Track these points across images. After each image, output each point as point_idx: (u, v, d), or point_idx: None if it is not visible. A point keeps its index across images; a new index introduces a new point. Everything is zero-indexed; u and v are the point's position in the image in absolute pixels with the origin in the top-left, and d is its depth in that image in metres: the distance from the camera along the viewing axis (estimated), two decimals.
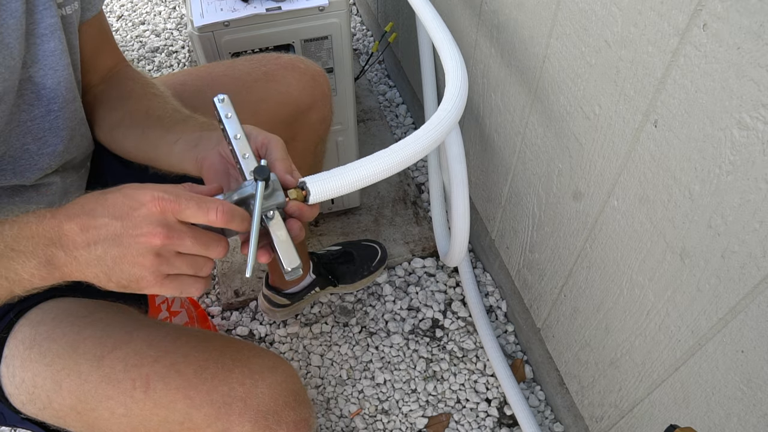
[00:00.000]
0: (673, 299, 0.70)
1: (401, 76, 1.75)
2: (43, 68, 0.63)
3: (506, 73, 0.98)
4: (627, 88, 0.67)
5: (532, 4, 0.83)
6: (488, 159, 1.18)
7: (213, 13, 1.01)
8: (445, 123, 0.63)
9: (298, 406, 0.68)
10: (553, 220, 0.97)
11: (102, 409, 0.63)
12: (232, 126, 0.56)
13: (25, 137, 0.65)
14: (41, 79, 0.64)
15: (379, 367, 1.27)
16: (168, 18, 2.17)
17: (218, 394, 0.63)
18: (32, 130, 0.65)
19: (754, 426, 0.62)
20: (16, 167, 0.66)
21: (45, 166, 0.68)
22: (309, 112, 0.93)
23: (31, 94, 0.64)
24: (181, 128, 0.66)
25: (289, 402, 0.67)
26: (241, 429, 0.63)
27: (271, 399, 0.65)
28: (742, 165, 0.54)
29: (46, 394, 0.64)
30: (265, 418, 0.64)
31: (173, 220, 0.48)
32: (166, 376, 0.63)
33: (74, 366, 0.64)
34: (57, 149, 0.68)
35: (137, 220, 0.47)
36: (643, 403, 0.83)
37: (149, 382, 0.63)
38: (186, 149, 0.63)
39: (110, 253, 0.48)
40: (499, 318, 1.33)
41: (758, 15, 0.48)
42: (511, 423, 1.19)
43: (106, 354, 0.64)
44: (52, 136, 0.67)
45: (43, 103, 0.65)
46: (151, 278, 0.49)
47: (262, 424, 0.64)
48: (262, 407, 0.64)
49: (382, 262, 1.36)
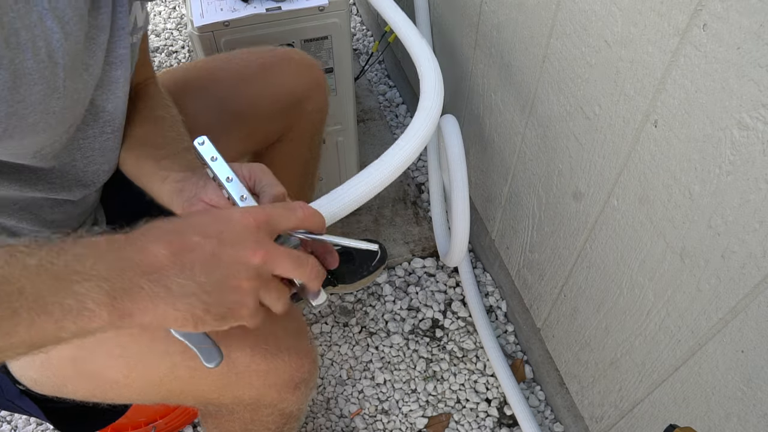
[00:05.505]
0: (673, 299, 0.70)
1: (401, 76, 1.75)
2: (106, 93, 0.63)
3: (506, 73, 0.98)
4: (627, 88, 0.67)
5: (532, 4, 0.83)
6: (488, 159, 1.18)
7: (213, 13, 1.01)
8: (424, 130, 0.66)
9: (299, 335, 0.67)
10: (553, 220, 0.97)
11: (99, 353, 0.62)
12: (221, 169, 0.53)
13: (74, 153, 0.64)
14: (102, 103, 0.63)
15: (379, 367, 1.27)
16: (168, 18, 2.17)
17: None
18: (82, 147, 0.64)
19: (754, 426, 0.62)
20: (63, 182, 0.65)
21: (89, 182, 0.67)
22: (304, 102, 0.94)
23: (89, 114, 0.63)
24: (170, 164, 0.64)
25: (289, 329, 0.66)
26: (241, 353, 0.62)
27: (271, 324, 0.64)
28: (742, 165, 0.54)
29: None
30: (265, 342, 0.63)
31: (267, 235, 0.43)
32: None
33: None
34: (103, 168, 0.68)
35: (233, 235, 0.41)
36: (643, 403, 0.83)
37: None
38: (173, 192, 0.61)
39: (211, 277, 0.40)
40: (499, 318, 1.33)
41: (758, 15, 0.48)
42: (511, 423, 1.19)
43: None
44: (100, 156, 0.67)
45: (98, 125, 0.64)
46: (252, 305, 0.42)
47: (261, 349, 0.63)
48: (262, 332, 0.63)
49: (381, 262, 1.36)
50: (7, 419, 1.21)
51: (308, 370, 0.68)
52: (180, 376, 0.64)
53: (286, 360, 0.65)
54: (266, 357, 0.64)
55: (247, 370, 0.64)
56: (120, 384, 0.65)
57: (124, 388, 0.65)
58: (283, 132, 0.95)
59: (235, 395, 0.66)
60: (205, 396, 0.66)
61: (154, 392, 0.66)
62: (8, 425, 1.21)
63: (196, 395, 0.67)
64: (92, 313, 0.37)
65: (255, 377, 0.65)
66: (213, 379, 0.64)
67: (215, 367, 0.48)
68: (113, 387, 0.65)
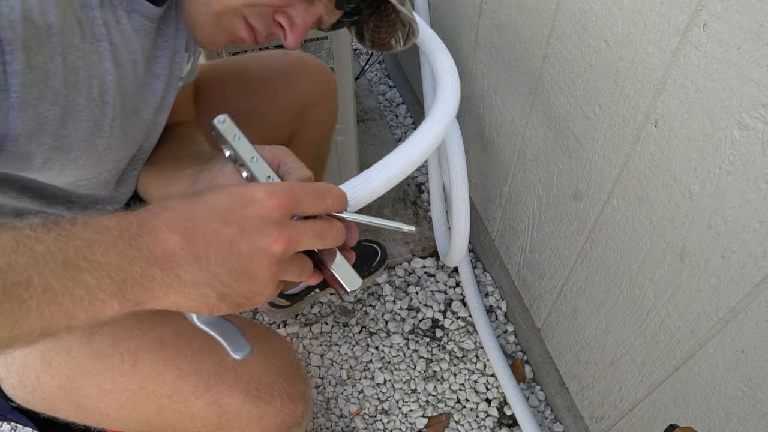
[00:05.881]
0: (673, 299, 0.70)
1: (401, 76, 1.75)
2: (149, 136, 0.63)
3: (506, 73, 0.98)
4: (627, 88, 0.67)
5: (532, 4, 0.83)
6: (488, 159, 1.18)
7: None
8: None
9: (293, 379, 0.65)
10: (553, 220, 0.97)
11: (90, 386, 0.62)
12: (245, 148, 0.48)
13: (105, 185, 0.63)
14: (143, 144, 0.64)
15: (379, 367, 1.27)
16: None
17: (207, 365, 0.61)
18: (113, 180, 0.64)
19: (754, 426, 0.62)
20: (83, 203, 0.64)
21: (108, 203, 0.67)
22: (315, 107, 0.93)
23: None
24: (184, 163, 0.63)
25: (282, 373, 0.64)
26: (232, 400, 0.61)
27: (264, 369, 0.63)
28: (742, 165, 0.54)
29: (35, 374, 0.62)
30: (256, 389, 0.62)
31: (288, 217, 0.41)
32: (155, 349, 0.62)
33: (63, 344, 0.62)
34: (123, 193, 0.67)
35: (253, 223, 0.39)
36: (643, 403, 0.83)
37: (137, 355, 0.61)
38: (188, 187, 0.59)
39: (226, 267, 0.38)
40: (499, 318, 1.33)
41: (758, 15, 0.48)
42: (511, 423, 1.19)
43: (96, 330, 0.62)
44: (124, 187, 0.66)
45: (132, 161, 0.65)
46: (270, 292, 0.41)
47: (253, 396, 0.61)
48: (254, 378, 0.62)
49: (382, 262, 1.36)
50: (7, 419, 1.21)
51: (301, 413, 0.66)
52: (166, 417, 0.63)
53: (278, 406, 0.63)
54: (258, 404, 0.62)
55: (238, 416, 0.62)
56: (111, 417, 0.64)
57: (114, 421, 0.64)
58: (291, 135, 0.95)
59: None
60: None
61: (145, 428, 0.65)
62: (8, 425, 1.21)
63: None
64: (103, 303, 0.36)
65: (246, 423, 0.63)
66: (202, 423, 0.62)
67: (243, 358, 0.46)
68: (104, 419, 0.64)
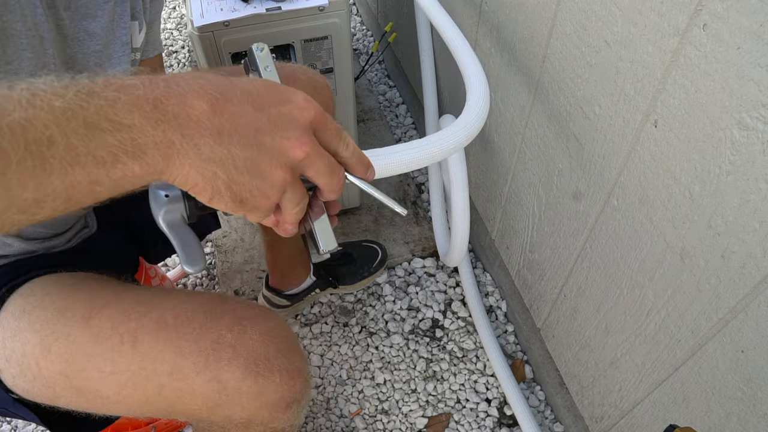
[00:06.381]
0: (673, 299, 0.70)
1: (401, 76, 1.75)
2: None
3: (506, 73, 0.98)
4: (627, 88, 0.67)
5: (532, 4, 0.83)
6: (488, 159, 1.18)
7: (213, 13, 1.01)
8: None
9: (291, 354, 0.66)
10: (553, 220, 0.97)
11: (90, 369, 0.62)
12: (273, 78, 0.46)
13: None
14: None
15: (379, 367, 1.27)
16: (168, 18, 2.17)
17: (206, 342, 0.62)
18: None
19: (754, 426, 0.62)
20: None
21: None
22: None
23: None
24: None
25: (281, 349, 0.65)
26: (231, 376, 0.61)
27: (262, 345, 0.63)
28: (742, 165, 0.54)
29: (35, 361, 0.63)
30: (255, 364, 0.62)
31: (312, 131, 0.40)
32: (154, 329, 0.62)
33: (63, 329, 0.63)
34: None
35: (284, 120, 0.38)
36: (643, 403, 0.83)
37: (137, 336, 0.62)
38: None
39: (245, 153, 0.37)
40: (499, 318, 1.33)
41: (758, 15, 0.48)
42: (511, 423, 1.19)
43: (95, 314, 0.63)
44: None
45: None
46: (274, 198, 0.39)
47: (252, 371, 0.62)
48: (253, 354, 0.62)
49: (382, 263, 1.36)
50: (7, 419, 1.21)
51: (300, 390, 0.66)
52: (167, 396, 0.63)
53: (277, 381, 0.64)
54: (257, 379, 0.63)
55: (237, 392, 0.63)
56: (111, 400, 0.64)
57: (115, 404, 0.65)
58: None
59: (225, 415, 0.65)
60: (195, 414, 0.65)
61: (145, 409, 0.66)
62: (8, 425, 1.21)
63: (186, 413, 0.66)
64: (125, 166, 0.34)
65: (246, 399, 0.63)
66: (202, 400, 0.63)
67: (196, 272, 0.45)
68: (105, 403, 0.65)
